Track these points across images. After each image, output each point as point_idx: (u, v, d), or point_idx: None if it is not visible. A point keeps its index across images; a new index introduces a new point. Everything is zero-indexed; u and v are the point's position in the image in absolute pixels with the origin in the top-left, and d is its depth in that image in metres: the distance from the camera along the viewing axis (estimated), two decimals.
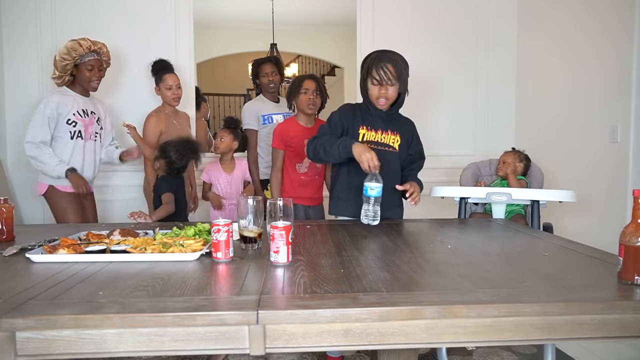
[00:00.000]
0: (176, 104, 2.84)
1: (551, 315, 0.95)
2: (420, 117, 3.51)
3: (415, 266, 1.25)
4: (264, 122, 3.13)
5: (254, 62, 3.26)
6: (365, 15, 3.51)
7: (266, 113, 3.14)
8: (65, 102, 2.52)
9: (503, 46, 3.60)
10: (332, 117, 2.07)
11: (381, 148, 2.00)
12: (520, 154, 2.72)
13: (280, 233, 1.22)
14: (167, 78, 2.77)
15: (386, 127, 2.03)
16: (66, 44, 2.52)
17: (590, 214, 2.70)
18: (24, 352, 0.89)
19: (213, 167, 2.97)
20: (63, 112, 2.52)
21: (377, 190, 1.76)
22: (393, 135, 2.04)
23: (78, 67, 2.55)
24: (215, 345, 0.91)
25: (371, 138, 2.01)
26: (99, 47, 2.60)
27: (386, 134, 2.03)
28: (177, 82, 2.79)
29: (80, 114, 2.58)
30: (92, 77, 2.57)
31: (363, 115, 2.04)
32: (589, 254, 1.38)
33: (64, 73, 2.52)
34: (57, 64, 2.51)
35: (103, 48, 2.63)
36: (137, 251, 1.33)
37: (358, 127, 2.01)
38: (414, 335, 0.93)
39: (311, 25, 6.58)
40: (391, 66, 1.94)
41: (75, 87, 2.61)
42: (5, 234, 1.58)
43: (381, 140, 2.02)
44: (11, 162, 3.24)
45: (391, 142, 2.04)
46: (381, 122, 2.04)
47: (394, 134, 2.04)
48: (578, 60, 2.89)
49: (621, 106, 2.50)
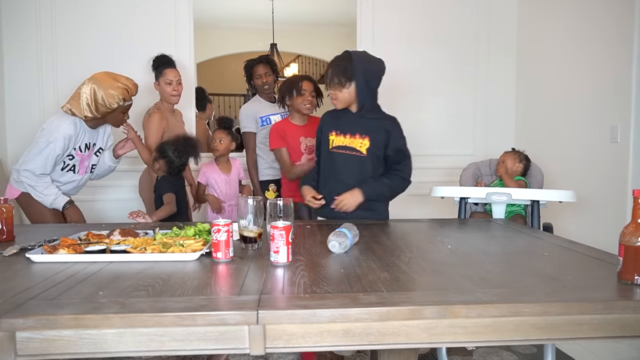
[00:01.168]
0: (175, 100, 2.76)
1: (551, 315, 0.95)
2: (420, 117, 3.53)
3: (415, 266, 1.25)
4: (262, 123, 3.10)
5: (246, 64, 3.19)
6: (365, 15, 3.51)
7: (264, 114, 3.11)
8: (75, 138, 2.33)
9: (503, 46, 3.61)
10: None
11: (348, 152, 2.01)
12: (520, 154, 2.72)
13: (280, 233, 1.22)
14: (168, 72, 2.68)
15: (355, 130, 2.01)
16: (110, 87, 2.24)
17: (590, 214, 2.70)
18: (24, 352, 0.89)
19: (209, 168, 2.91)
20: (69, 146, 2.33)
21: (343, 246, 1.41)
22: (361, 139, 2.01)
23: (113, 110, 2.32)
24: (215, 345, 0.91)
25: (340, 143, 2.03)
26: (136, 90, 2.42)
27: (354, 138, 2.02)
28: (177, 78, 2.70)
29: (82, 148, 2.39)
30: (123, 121, 2.42)
31: (336, 120, 2.07)
32: (589, 254, 1.37)
33: (102, 114, 2.29)
34: (100, 108, 2.26)
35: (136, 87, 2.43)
36: (137, 251, 1.33)
37: (328, 134, 2.06)
38: (414, 335, 0.93)
39: (311, 25, 6.59)
40: (331, 70, 2.01)
41: (96, 121, 2.37)
42: (5, 234, 1.58)
43: (349, 145, 2.02)
44: (11, 162, 3.24)
45: (359, 146, 2.01)
46: (352, 125, 2.02)
47: (362, 138, 2.01)
48: (578, 60, 2.89)
49: (621, 106, 2.50)
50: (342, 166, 2.02)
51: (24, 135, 3.26)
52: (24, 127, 3.25)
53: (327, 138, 2.05)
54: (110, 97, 2.24)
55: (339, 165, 2.03)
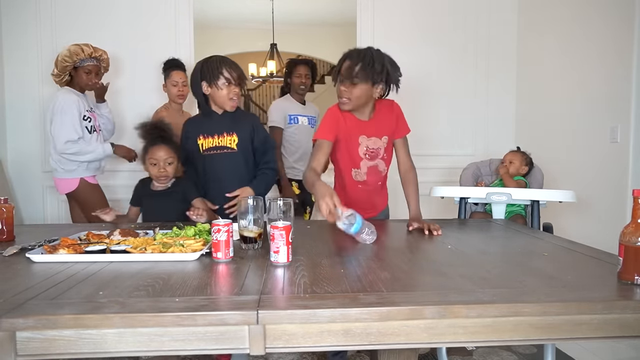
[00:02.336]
0: (181, 100, 2.85)
1: (551, 315, 0.95)
2: (420, 116, 3.53)
3: (415, 266, 1.25)
4: (290, 121, 3.14)
5: (290, 61, 3.28)
6: (365, 15, 3.52)
7: (293, 113, 3.16)
8: (79, 100, 2.63)
9: (503, 47, 3.61)
10: None
11: (220, 151, 2.08)
12: (526, 156, 2.70)
13: (280, 233, 1.22)
14: (174, 74, 2.79)
15: (221, 130, 2.08)
16: (69, 47, 2.60)
17: (590, 214, 2.70)
18: (24, 352, 0.89)
19: None
20: (81, 109, 2.63)
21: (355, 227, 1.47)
22: (229, 137, 2.07)
23: (76, 70, 2.65)
24: (216, 345, 0.91)
25: (209, 144, 2.09)
26: (100, 55, 2.69)
27: (222, 137, 2.08)
28: (183, 80, 2.80)
29: (89, 110, 2.71)
30: (88, 81, 2.67)
31: (199, 125, 2.11)
32: (589, 254, 1.38)
33: (62, 73, 2.64)
34: (58, 64, 2.61)
35: (104, 55, 2.72)
36: (137, 251, 1.33)
37: (196, 139, 2.10)
38: (414, 335, 0.93)
39: (311, 25, 6.59)
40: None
41: (74, 86, 2.70)
42: (5, 234, 1.58)
43: (219, 144, 2.09)
44: (11, 162, 3.24)
45: (228, 143, 2.08)
46: (216, 126, 2.08)
47: (229, 135, 2.07)
48: (578, 60, 2.89)
49: (621, 106, 2.50)
50: (218, 166, 2.09)
51: (24, 135, 3.27)
52: (24, 127, 3.26)
53: (195, 144, 2.10)
54: (65, 56, 2.58)
55: (215, 165, 2.10)
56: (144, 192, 2.12)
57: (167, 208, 2.04)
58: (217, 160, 2.08)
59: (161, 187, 2.10)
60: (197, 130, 2.10)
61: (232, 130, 2.07)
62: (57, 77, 2.66)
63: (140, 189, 2.14)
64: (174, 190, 2.09)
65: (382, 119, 1.93)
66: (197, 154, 2.11)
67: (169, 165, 2.04)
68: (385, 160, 1.99)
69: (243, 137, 2.08)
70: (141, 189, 2.14)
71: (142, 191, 2.13)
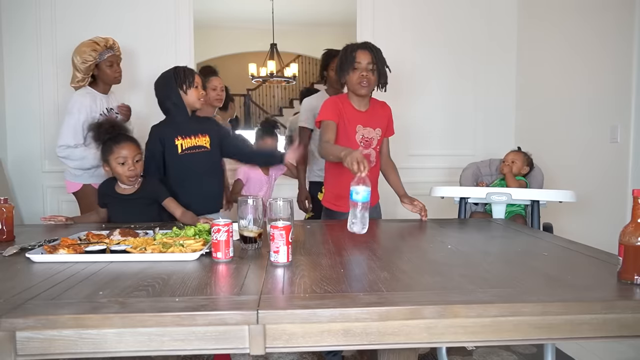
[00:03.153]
0: (219, 104, 2.92)
1: (551, 315, 0.95)
2: (420, 116, 3.53)
3: (415, 266, 1.25)
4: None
5: (327, 52, 3.02)
6: (365, 15, 3.52)
7: None
8: (95, 103, 2.58)
9: (503, 46, 3.60)
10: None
11: (198, 150, 2.20)
12: (527, 157, 2.70)
13: (280, 233, 1.22)
14: (213, 80, 2.86)
15: (196, 132, 2.22)
16: (81, 48, 2.54)
17: (590, 214, 2.70)
18: (24, 352, 0.89)
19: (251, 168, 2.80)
20: (94, 113, 2.55)
21: (364, 194, 1.53)
22: (203, 137, 2.23)
23: (98, 66, 2.59)
24: (216, 345, 0.91)
25: (189, 145, 2.20)
26: (112, 43, 2.64)
27: (197, 138, 2.21)
28: (221, 85, 2.89)
29: (105, 113, 2.62)
30: (113, 73, 2.63)
31: (174, 127, 2.19)
32: (589, 254, 1.38)
33: (87, 75, 2.57)
34: (80, 67, 2.54)
35: (115, 44, 2.67)
36: (137, 251, 1.33)
37: (174, 140, 2.17)
38: (414, 335, 0.94)
39: (311, 25, 6.59)
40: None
41: (97, 86, 2.63)
42: (5, 234, 1.58)
43: (197, 144, 2.21)
44: (11, 162, 3.24)
45: (204, 143, 2.23)
46: (189, 129, 2.21)
47: (203, 136, 2.23)
48: (578, 60, 2.89)
49: (621, 106, 2.50)
50: (198, 164, 2.21)
51: (24, 135, 3.27)
52: (24, 127, 3.26)
53: (173, 144, 2.17)
54: (83, 54, 2.52)
55: (195, 164, 2.20)
56: (109, 196, 2.04)
57: (136, 214, 1.98)
58: (197, 158, 2.20)
59: (128, 189, 2.03)
60: (174, 132, 2.19)
61: (204, 132, 2.24)
62: (82, 81, 2.59)
63: (104, 192, 2.06)
64: (142, 195, 2.03)
65: (376, 113, 2.16)
66: (173, 155, 2.18)
67: (137, 163, 2.01)
68: (377, 152, 2.16)
69: (213, 137, 2.26)
70: (106, 192, 2.06)
71: (107, 194, 2.05)
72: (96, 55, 2.54)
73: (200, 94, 2.23)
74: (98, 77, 2.62)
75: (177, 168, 2.19)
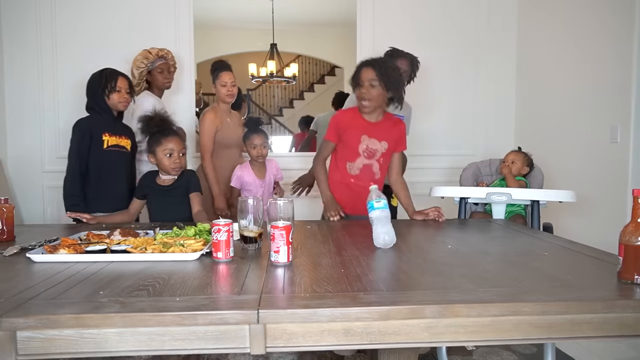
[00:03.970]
0: (230, 100, 2.86)
1: (551, 314, 0.95)
2: (420, 116, 3.53)
3: (415, 266, 1.25)
4: None
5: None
6: (365, 15, 3.52)
7: None
8: (156, 102, 2.76)
9: (503, 47, 3.61)
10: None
11: (119, 149, 2.34)
12: (527, 157, 2.69)
13: (280, 233, 1.22)
14: (223, 75, 2.81)
15: (121, 133, 2.38)
16: (137, 56, 2.82)
17: (590, 214, 2.70)
18: (25, 352, 0.89)
19: (244, 172, 2.63)
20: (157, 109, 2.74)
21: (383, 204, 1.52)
22: (125, 139, 2.38)
23: (151, 73, 2.83)
24: (216, 344, 0.91)
25: (114, 142, 2.33)
26: (165, 53, 2.87)
27: (121, 138, 2.36)
28: (232, 80, 2.84)
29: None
30: (164, 79, 2.85)
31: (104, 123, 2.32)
32: (589, 254, 1.38)
33: (140, 80, 2.82)
34: (135, 73, 2.80)
35: (169, 54, 2.89)
36: (137, 251, 1.33)
37: (102, 135, 2.28)
38: (415, 334, 0.94)
39: (311, 25, 6.58)
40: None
41: (152, 90, 2.86)
42: (5, 234, 1.58)
43: (119, 143, 2.35)
44: (11, 162, 3.24)
45: (125, 144, 2.38)
46: (116, 128, 2.37)
47: (126, 138, 2.38)
48: (578, 60, 2.89)
49: (621, 106, 2.50)
50: (117, 163, 2.34)
51: (24, 135, 3.27)
52: (24, 127, 3.26)
53: (100, 139, 2.28)
54: (137, 62, 2.79)
55: (115, 161, 2.33)
56: (149, 187, 2.15)
57: (174, 203, 2.11)
58: (117, 157, 2.33)
59: (168, 180, 2.14)
60: (102, 127, 2.30)
61: (127, 134, 2.40)
62: (137, 86, 2.80)
63: (145, 184, 2.18)
64: (179, 185, 2.13)
65: (386, 127, 2.15)
66: (98, 149, 2.27)
67: (182, 156, 2.14)
68: (381, 165, 2.16)
69: (132, 140, 2.43)
70: (146, 184, 2.17)
71: (148, 186, 2.16)
72: (148, 63, 2.79)
73: (123, 98, 2.34)
74: (152, 83, 2.85)
75: (99, 162, 2.28)
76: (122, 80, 2.37)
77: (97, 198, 2.24)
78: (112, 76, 2.35)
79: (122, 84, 2.36)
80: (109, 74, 2.35)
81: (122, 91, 2.35)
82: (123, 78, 2.38)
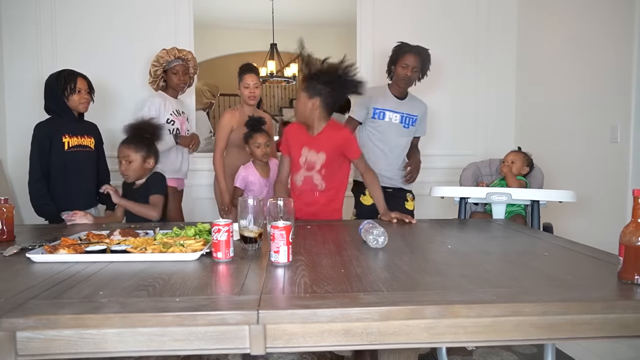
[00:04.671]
0: (252, 102, 2.86)
1: (551, 315, 0.95)
2: None
3: (415, 266, 1.25)
4: (374, 115, 2.69)
5: (399, 46, 2.68)
6: (365, 15, 3.51)
7: (380, 107, 2.68)
8: (164, 103, 2.82)
9: (503, 47, 3.60)
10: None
11: (82, 149, 2.38)
12: (527, 157, 2.69)
13: (280, 233, 1.22)
14: (246, 77, 2.85)
15: (82, 132, 2.41)
16: (156, 55, 2.84)
17: (590, 214, 2.70)
18: (25, 352, 0.89)
19: (248, 172, 2.64)
20: (163, 112, 2.80)
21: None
22: (88, 139, 2.42)
23: (167, 73, 2.86)
24: (216, 345, 0.91)
25: (75, 143, 2.36)
26: (184, 54, 2.87)
27: (83, 138, 2.40)
28: (254, 82, 2.86)
29: (175, 113, 2.87)
30: (178, 80, 2.86)
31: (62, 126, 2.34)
32: (589, 254, 1.38)
33: (156, 78, 2.86)
34: (151, 71, 2.85)
35: (188, 55, 2.89)
36: (137, 251, 1.33)
37: (61, 137, 2.31)
38: (415, 334, 0.94)
39: (311, 25, 6.58)
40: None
41: (168, 90, 2.90)
42: (5, 234, 1.58)
43: (82, 143, 2.39)
44: (11, 161, 3.24)
45: (88, 143, 2.42)
46: (76, 129, 2.38)
47: (89, 138, 2.42)
48: (578, 60, 2.89)
49: (621, 106, 2.50)
50: (82, 162, 2.38)
51: (24, 135, 3.25)
52: (24, 127, 3.24)
53: (60, 142, 2.30)
54: (154, 60, 2.83)
55: (79, 162, 2.36)
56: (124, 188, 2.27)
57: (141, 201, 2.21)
58: (81, 157, 2.37)
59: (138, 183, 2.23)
60: (62, 130, 2.32)
61: (89, 133, 2.43)
62: (152, 83, 2.88)
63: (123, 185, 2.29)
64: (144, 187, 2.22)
65: (326, 138, 2.15)
66: (59, 152, 2.31)
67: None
68: (323, 176, 2.16)
69: (97, 139, 2.47)
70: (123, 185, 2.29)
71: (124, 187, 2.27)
72: (163, 62, 2.82)
73: (83, 98, 2.36)
74: (167, 83, 2.89)
75: (62, 164, 2.31)
76: (82, 81, 2.37)
77: (66, 198, 2.28)
78: (71, 77, 2.35)
79: (81, 85, 2.36)
80: (68, 75, 2.35)
81: (82, 92, 2.35)
82: (82, 79, 2.39)
